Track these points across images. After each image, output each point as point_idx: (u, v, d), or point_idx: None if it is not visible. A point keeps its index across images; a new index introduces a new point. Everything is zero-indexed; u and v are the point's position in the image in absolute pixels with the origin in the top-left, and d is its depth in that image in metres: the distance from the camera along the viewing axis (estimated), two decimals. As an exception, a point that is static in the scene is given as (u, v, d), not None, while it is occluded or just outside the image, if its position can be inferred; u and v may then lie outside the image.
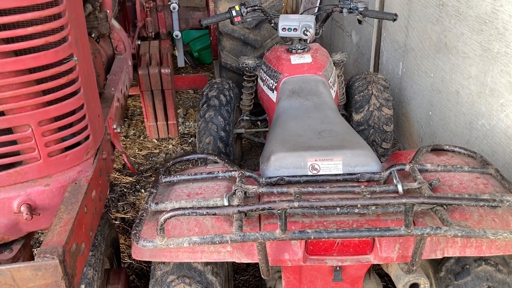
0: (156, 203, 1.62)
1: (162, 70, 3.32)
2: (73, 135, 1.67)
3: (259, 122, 3.36)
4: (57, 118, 1.58)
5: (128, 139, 4.21)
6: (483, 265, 1.63)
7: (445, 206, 1.51)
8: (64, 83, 1.56)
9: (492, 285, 1.61)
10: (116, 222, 3.14)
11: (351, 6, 2.73)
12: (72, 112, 1.63)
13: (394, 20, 2.70)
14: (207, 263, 1.67)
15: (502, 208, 1.46)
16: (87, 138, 1.71)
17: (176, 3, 4.07)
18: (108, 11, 2.65)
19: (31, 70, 1.46)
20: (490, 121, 2.46)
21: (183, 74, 5.34)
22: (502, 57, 2.32)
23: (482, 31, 2.48)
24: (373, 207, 1.48)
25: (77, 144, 1.68)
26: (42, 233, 2.86)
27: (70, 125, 1.64)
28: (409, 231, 1.37)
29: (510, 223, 1.53)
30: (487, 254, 1.53)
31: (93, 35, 2.52)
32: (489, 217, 1.53)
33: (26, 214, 1.52)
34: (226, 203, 1.58)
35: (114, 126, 2.11)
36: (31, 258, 1.75)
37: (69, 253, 1.35)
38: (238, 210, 1.39)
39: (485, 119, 2.50)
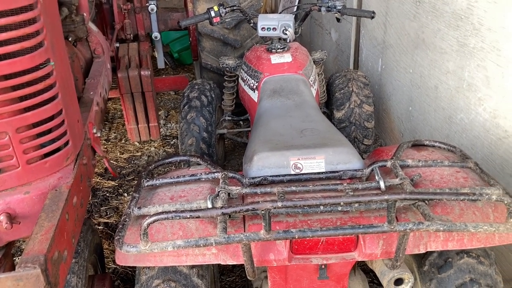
0: (139, 208, 1.61)
1: (142, 72, 3.29)
2: (52, 141, 1.64)
3: (241, 122, 3.36)
4: (35, 125, 1.56)
5: (110, 142, 4.16)
6: (465, 258, 1.66)
7: (426, 201, 1.53)
8: (41, 89, 1.53)
9: (474, 277, 1.64)
10: (99, 227, 3.10)
11: (329, 4, 2.74)
12: (51, 118, 1.61)
13: (372, 17, 2.72)
14: (192, 266, 1.66)
15: (482, 201, 1.48)
16: (66, 143, 1.69)
17: (154, 4, 4.04)
18: (85, 14, 2.62)
19: (7, 77, 1.43)
20: (468, 115, 2.50)
21: (164, 76, 5.31)
22: (478, 52, 2.36)
23: (458, 27, 2.52)
24: (356, 205, 1.49)
25: (57, 150, 1.66)
26: (24, 242, 2.81)
27: (49, 131, 1.62)
28: (392, 227, 1.38)
29: (490, 215, 1.56)
30: (469, 247, 1.56)
31: (70, 39, 2.49)
32: (469, 210, 1.56)
33: (6, 223, 1.50)
34: (209, 205, 1.57)
35: (94, 131, 2.09)
36: (12, 268, 1.72)
37: (51, 262, 1.33)
38: (222, 212, 1.39)
39: (464, 113, 2.54)
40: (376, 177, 1.66)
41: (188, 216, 1.38)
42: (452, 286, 1.65)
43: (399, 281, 1.66)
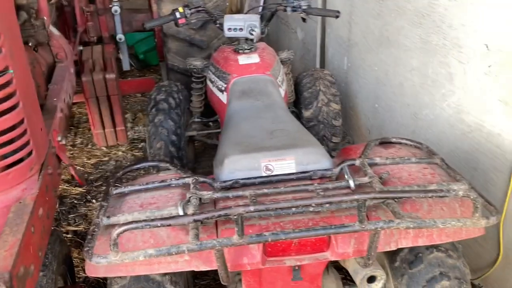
0: (108, 217, 1.57)
1: (107, 76, 3.22)
2: (15, 151, 1.58)
3: (211, 123, 3.33)
4: (-4, 135, 1.50)
5: (76, 148, 4.07)
6: (435, 252, 1.69)
7: (396, 199, 1.55)
8: (1, 98, 1.48)
9: (443, 270, 1.68)
10: (68, 236, 3.03)
11: (295, 4, 2.75)
12: (12, 128, 1.55)
13: (337, 17, 2.74)
14: (165, 273, 1.64)
15: (449, 197, 1.51)
16: (30, 153, 1.63)
17: (117, 5, 3.96)
18: (45, 18, 2.54)
19: (-37, 87, 1.38)
20: (433, 111, 2.56)
21: (129, 78, 5.22)
22: (441, 49, 2.41)
23: (421, 24, 2.57)
24: (327, 205, 1.50)
25: (20, 160, 1.60)
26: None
27: (11, 141, 1.56)
28: (363, 226, 1.40)
29: (457, 210, 1.59)
30: (438, 242, 1.59)
31: (30, 44, 2.41)
32: (437, 206, 1.59)
33: (-33, 239, 1.43)
34: (180, 212, 1.55)
35: (59, 138, 2.03)
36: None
37: (16, 278, 1.28)
38: (194, 219, 1.37)
39: (429, 109, 2.60)
40: (346, 176, 1.68)
41: (159, 225, 1.36)
42: (423, 280, 1.68)
43: (372, 279, 1.69)
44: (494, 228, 2.17)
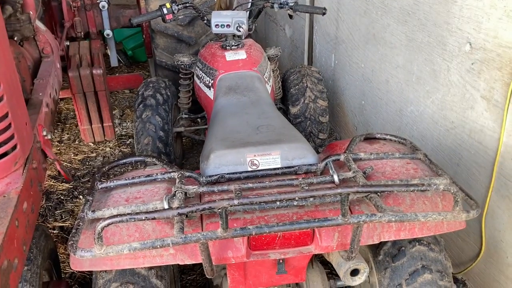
0: (93, 211, 1.57)
1: (94, 71, 3.21)
2: (-1, 145, 1.58)
3: (198, 119, 3.34)
4: (-21, 129, 1.50)
5: (63, 144, 4.04)
6: (417, 246, 1.72)
7: (379, 193, 1.57)
8: (-16, 92, 1.47)
9: (426, 263, 1.70)
10: (54, 231, 3.01)
11: (282, 1, 2.76)
12: (-4, 122, 1.55)
13: (324, 14, 2.76)
14: (151, 267, 1.64)
15: (431, 191, 1.54)
16: (14, 148, 1.63)
17: (105, 1, 3.94)
18: (31, 12, 2.53)
19: None
20: (418, 107, 2.59)
21: (117, 74, 5.19)
22: (426, 46, 2.44)
23: (406, 22, 2.60)
24: (311, 199, 1.52)
25: (4, 154, 1.59)
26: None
27: (-5, 135, 1.56)
28: (346, 219, 1.42)
29: (438, 204, 1.62)
30: (420, 236, 1.62)
31: (15, 38, 2.40)
32: (420, 200, 1.62)
33: (-49, 233, 1.43)
34: (166, 206, 1.56)
35: (44, 133, 2.02)
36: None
37: (0, 272, 1.28)
38: (178, 213, 1.38)
39: (414, 106, 2.63)
40: (330, 171, 1.70)
41: (143, 218, 1.36)
42: (406, 273, 1.71)
43: (355, 272, 1.71)
44: (476, 223, 2.20)
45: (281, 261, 1.68)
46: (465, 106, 2.20)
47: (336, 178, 1.66)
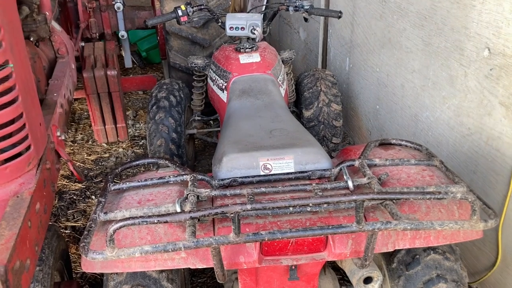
0: (105, 213, 1.57)
1: (108, 72, 3.22)
2: (13, 145, 1.58)
3: (211, 122, 3.33)
4: (-6, 129, 1.50)
5: (76, 144, 4.07)
6: (432, 254, 1.69)
7: (394, 200, 1.55)
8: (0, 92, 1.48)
9: (440, 272, 1.67)
10: (66, 231, 3.03)
11: (297, 4, 2.75)
12: (11, 122, 1.55)
13: (339, 17, 2.74)
14: (162, 270, 1.64)
15: (447, 199, 1.51)
16: (28, 148, 1.63)
17: (120, 2, 3.96)
18: (47, 13, 2.54)
19: (-38, 80, 1.38)
20: (434, 113, 2.55)
21: (131, 75, 5.22)
22: (442, 51, 2.41)
23: (423, 26, 2.57)
24: (325, 205, 1.50)
25: (18, 155, 1.60)
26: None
27: (9, 135, 1.56)
28: (361, 227, 1.39)
29: (455, 213, 1.59)
30: (435, 244, 1.59)
31: (31, 39, 2.41)
32: (435, 208, 1.59)
33: (-36, 232, 1.43)
34: (178, 209, 1.55)
35: (58, 134, 2.03)
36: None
37: (12, 272, 1.28)
38: (190, 217, 1.37)
39: (429, 111, 2.59)
40: (344, 177, 1.67)
41: (155, 221, 1.35)
42: (420, 282, 1.67)
43: (368, 280, 1.68)
44: (493, 232, 2.16)
45: (293, 267, 1.66)
46: (482, 113, 2.16)
47: (350, 184, 1.64)
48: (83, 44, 3.64)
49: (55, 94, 2.26)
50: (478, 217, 1.43)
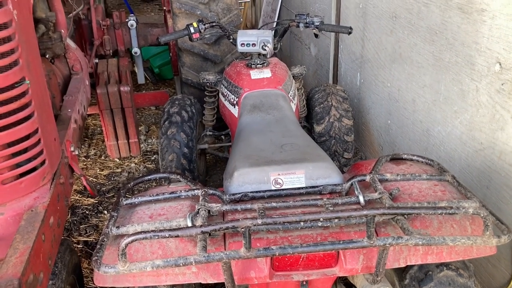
0: (117, 227, 1.58)
1: (121, 88, 3.27)
2: (28, 160, 1.61)
3: (222, 137, 3.36)
4: (10, 144, 1.53)
5: (89, 159, 4.11)
6: (445, 271, 1.67)
7: (405, 215, 1.54)
8: (16, 108, 1.51)
9: (454, 289, 1.65)
10: (78, 246, 3.05)
11: (307, 20, 2.77)
12: (26, 137, 1.58)
13: (349, 33, 2.76)
14: (173, 285, 1.64)
15: (460, 214, 1.50)
16: (43, 163, 1.66)
17: (133, 20, 4.03)
18: (62, 31, 2.60)
19: (-20, 96, 1.41)
20: (445, 128, 2.54)
21: (144, 91, 5.28)
22: (453, 66, 2.41)
23: (433, 41, 2.57)
24: (336, 220, 1.49)
25: (33, 169, 1.63)
26: None
27: (25, 150, 1.59)
28: (372, 242, 1.39)
29: (467, 228, 1.57)
30: (448, 260, 1.57)
31: (47, 56, 2.47)
32: (448, 223, 1.57)
33: (-21, 246, 1.46)
34: (189, 223, 1.56)
35: (72, 149, 2.06)
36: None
37: (25, 285, 1.30)
38: (201, 231, 1.38)
39: (441, 126, 2.58)
40: (356, 192, 1.67)
41: (167, 236, 1.36)
42: (433, 299, 1.66)
43: (380, 296, 1.67)
44: (508, 248, 2.13)
45: (304, 282, 1.65)
46: (494, 127, 2.15)
47: (361, 199, 1.63)
48: (97, 60, 3.70)
49: (69, 110, 2.30)
50: (491, 233, 1.42)
